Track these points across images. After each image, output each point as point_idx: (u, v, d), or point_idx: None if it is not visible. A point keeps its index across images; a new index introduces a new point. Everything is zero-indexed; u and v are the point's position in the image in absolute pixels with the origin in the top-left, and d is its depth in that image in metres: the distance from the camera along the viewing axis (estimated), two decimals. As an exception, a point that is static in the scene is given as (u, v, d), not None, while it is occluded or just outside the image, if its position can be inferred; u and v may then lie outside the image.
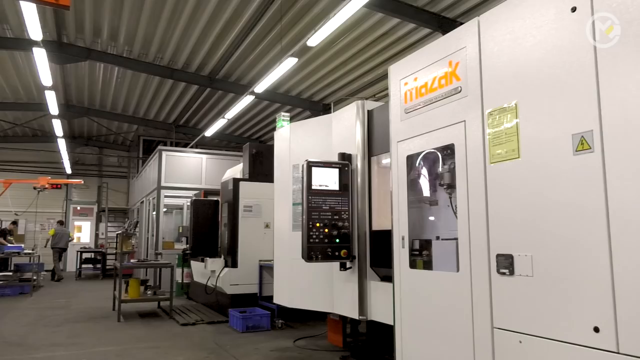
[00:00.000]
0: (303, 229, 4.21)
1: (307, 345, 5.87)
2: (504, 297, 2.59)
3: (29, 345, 5.90)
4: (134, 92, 13.67)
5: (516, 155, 2.56)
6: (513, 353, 2.51)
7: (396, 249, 3.49)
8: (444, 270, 3.09)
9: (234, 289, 7.64)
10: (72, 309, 8.90)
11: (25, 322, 7.49)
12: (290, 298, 5.24)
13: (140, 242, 13.73)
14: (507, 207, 2.59)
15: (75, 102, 14.95)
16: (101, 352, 5.53)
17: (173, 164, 12.17)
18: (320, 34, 7.32)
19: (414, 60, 3.48)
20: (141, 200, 14.60)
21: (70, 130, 17.74)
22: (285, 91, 12.67)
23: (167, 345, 5.91)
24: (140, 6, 8.82)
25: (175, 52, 10.75)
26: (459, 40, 3.04)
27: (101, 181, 19.68)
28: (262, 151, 8.43)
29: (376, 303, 4.18)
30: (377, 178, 4.44)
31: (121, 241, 8.80)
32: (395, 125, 3.60)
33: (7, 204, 14.50)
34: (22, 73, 12.25)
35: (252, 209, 7.93)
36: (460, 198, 2.92)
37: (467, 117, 2.90)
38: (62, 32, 10.07)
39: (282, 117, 6.39)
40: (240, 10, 8.76)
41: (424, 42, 8.98)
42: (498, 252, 2.63)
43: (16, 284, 11.31)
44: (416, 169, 3.50)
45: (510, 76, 2.64)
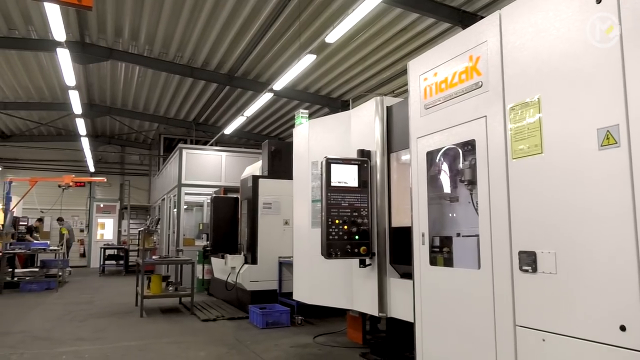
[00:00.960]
0: (322, 225, 4.22)
1: (326, 341, 5.88)
2: (526, 295, 2.55)
3: (55, 339, 6.04)
4: (155, 90, 13.84)
5: (539, 150, 2.52)
6: (536, 351, 2.47)
7: (416, 245, 3.47)
8: (465, 267, 3.06)
9: (253, 286, 7.69)
10: (96, 304, 9.09)
11: (51, 317, 7.67)
12: (310, 295, 5.25)
13: (162, 239, 13.93)
14: (530, 204, 2.55)
15: (98, 102, 15.22)
16: (124, 347, 5.63)
17: (193, 161, 12.30)
18: (339, 30, 7.30)
19: (434, 56, 3.44)
20: (162, 197, 14.80)
21: (93, 129, 18.07)
22: (304, 88, 12.68)
23: (188, 340, 5.99)
24: (160, 6, 8.92)
25: (194, 51, 10.85)
26: (479, 35, 3.00)
27: (123, 179, 20.02)
28: (281, 148, 8.45)
29: (396, 300, 4.17)
30: (396, 174, 4.41)
31: (143, 238, 8.91)
32: (415, 121, 3.57)
33: (33, 201, 14.85)
34: (47, 73, 12.52)
35: (272, 206, 7.97)
36: (482, 194, 2.89)
37: (489, 112, 2.86)
38: (84, 32, 10.25)
39: (301, 114, 6.40)
40: (259, 8, 8.79)
41: (444, 37, 8.88)
42: (520, 249, 2.59)
43: (42, 279, 11.57)
44: (436, 165, 3.47)
45: (532, 70, 2.59)
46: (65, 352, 5.39)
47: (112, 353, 5.35)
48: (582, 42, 2.33)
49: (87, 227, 19.42)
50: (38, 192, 14.47)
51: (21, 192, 13.70)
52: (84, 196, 19.30)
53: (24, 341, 5.94)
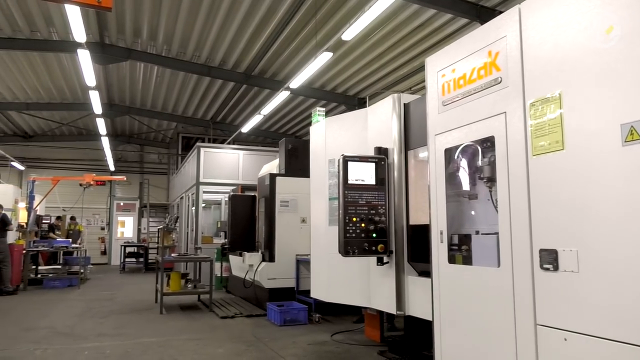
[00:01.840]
0: (339, 223, 4.21)
1: (344, 339, 5.88)
2: (547, 293, 2.51)
3: (77, 335, 6.16)
4: (173, 90, 13.99)
5: (560, 147, 2.47)
6: (558, 351, 2.43)
7: (434, 243, 3.44)
8: (484, 265, 3.02)
9: (271, 283, 7.73)
10: (117, 301, 9.24)
11: (74, 313, 7.83)
12: (327, 292, 5.25)
13: (181, 237, 14.09)
14: (551, 201, 2.51)
15: (117, 101, 15.45)
16: (145, 343, 5.71)
17: (211, 160, 12.40)
18: (355, 27, 7.28)
19: (452, 52, 3.41)
20: (181, 195, 14.96)
21: (112, 129, 18.35)
22: (320, 86, 12.68)
23: (207, 337, 6.05)
24: (177, 6, 9.00)
25: (212, 50, 10.93)
26: (498, 30, 2.95)
27: (142, 178, 20.30)
28: (298, 146, 8.47)
29: (414, 298, 4.14)
30: (414, 172, 4.39)
31: (162, 236, 9.03)
32: (433, 118, 3.54)
33: (56, 200, 15.15)
34: (68, 74, 12.74)
35: (289, 204, 7.99)
36: (501, 191, 2.85)
37: (508, 108, 2.82)
38: (104, 33, 10.41)
39: (318, 112, 6.40)
40: (275, 7, 8.81)
41: (462, 32, 8.79)
42: (541, 247, 2.55)
43: (65, 276, 11.81)
44: (454, 162, 3.44)
45: (553, 65, 2.54)
46: (88, 348, 5.50)
47: (132, 349, 5.44)
48: (605, 36, 2.28)
49: (108, 225, 19.76)
50: (60, 191, 14.76)
51: (44, 191, 13.99)
52: (105, 195, 19.63)
53: (48, 337, 6.07)
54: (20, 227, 12.04)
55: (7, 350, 5.39)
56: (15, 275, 10.40)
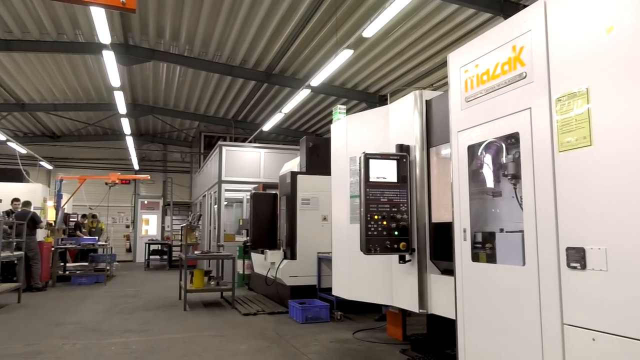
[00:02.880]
0: (361, 221, 4.20)
1: (366, 337, 5.87)
2: (575, 293, 2.46)
3: (104, 331, 6.29)
4: (195, 89, 14.15)
5: (588, 142, 2.41)
6: (586, 351, 2.38)
7: (457, 241, 3.41)
8: (508, 263, 2.98)
9: (293, 281, 7.76)
10: (142, 297, 9.41)
11: (101, 309, 8.00)
12: (349, 290, 5.25)
13: (203, 235, 14.25)
14: (578, 198, 2.45)
15: (141, 101, 15.71)
16: (169, 339, 5.81)
17: (233, 158, 12.50)
18: (376, 24, 7.24)
19: (475, 47, 3.36)
20: (203, 194, 15.13)
21: (137, 128, 18.66)
22: (341, 84, 12.66)
23: (230, 334, 6.12)
24: (199, 6, 9.10)
25: (233, 49, 11.02)
26: (523, 24, 2.90)
27: (166, 176, 20.61)
28: (319, 144, 8.47)
29: (437, 296, 4.11)
30: (436, 169, 4.34)
31: (186, 233, 9.14)
32: (456, 115, 3.50)
33: (82, 198, 15.48)
34: (93, 75, 13.01)
35: (310, 202, 8.01)
36: (526, 189, 2.80)
37: (533, 104, 2.77)
38: (128, 34, 10.59)
39: (339, 110, 6.39)
40: (296, 5, 8.82)
41: (485, 27, 8.66)
42: (568, 245, 2.50)
43: (92, 273, 12.07)
44: (478, 159, 3.39)
45: (581, 59, 2.48)
46: (114, 343, 5.61)
47: (157, 345, 5.53)
48: (636, 27, 2.22)
49: (133, 223, 20.12)
50: (86, 190, 15.07)
51: (71, 190, 14.32)
52: (129, 193, 20.00)
53: (76, 332, 6.22)
54: (48, 225, 12.35)
55: (37, 344, 5.54)
56: (45, 272, 10.68)
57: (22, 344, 5.56)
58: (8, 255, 8.29)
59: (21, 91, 13.93)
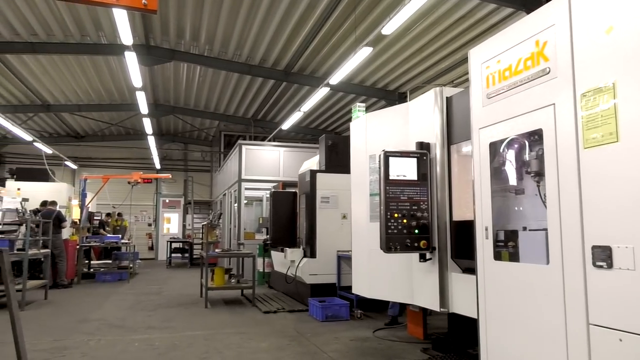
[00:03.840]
0: (381, 219, 4.18)
1: (386, 336, 5.85)
2: (601, 292, 2.40)
3: (128, 327, 6.41)
4: (215, 89, 14.28)
5: (614, 138, 2.36)
6: (612, 352, 2.33)
7: (479, 240, 3.36)
8: (532, 262, 2.93)
9: (313, 279, 7.78)
10: (164, 295, 9.54)
11: (124, 306, 8.14)
12: (369, 288, 5.23)
13: (224, 233, 14.39)
14: (605, 195, 2.40)
15: (162, 101, 15.93)
16: (191, 336, 5.88)
17: (252, 157, 12.58)
18: (395, 21, 7.19)
19: (497, 42, 3.31)
20: (223, 192, 15.26)
21: (158, 128, 18.92)
22: (360, 81, 12.62)
23: (251, 331, 6.16)
24: (219, 6, 9.17)
25: (252, 49, 11.08)
26: (546, 18, 2.84)
27: (187, 175, 20.88)
28: (338, 142, 8.46)
29: (458, 295, 4.07)
30: (457, 167, 4.30)
31: (206, 232, 9.25)
32: (477, 112, 3.45)
33: (106, 197, 15.78)
34: (116, 76, 13.24)
35: (329, 200, 8.01)
36: (550, 186, 2.75)
37: (557, 99, 2.72)
38: (149, 35, 10.74)
39: (358, 108, 6.36)
40: (314, 3, 8.82)
41: (506, 22, 8.53)
42: (594, 244, 2.44)
43: (115, 271, 12.30)
44: (500, 156, 3.34)
45: (607, 53, 2.42)
46: (138, 340, 5.71)
47: (180, 341, 5.60)
48: (664, 21, 2.16)
49: (155, 222, 20.42)
50: (110, 189, 15.36)
51: (95, 189, 14.61)
52: (151, 192, 20.30)
53: (101, 328, 6.34)
54: (73, 224, 12.62)
55: (63, 340, 5.67)
56: (70, 270, 10.91)
57: (50, 339, 5.70)
58: (35, 253, 8.49)
59: (46, 92, 14.26)
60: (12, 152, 19.15)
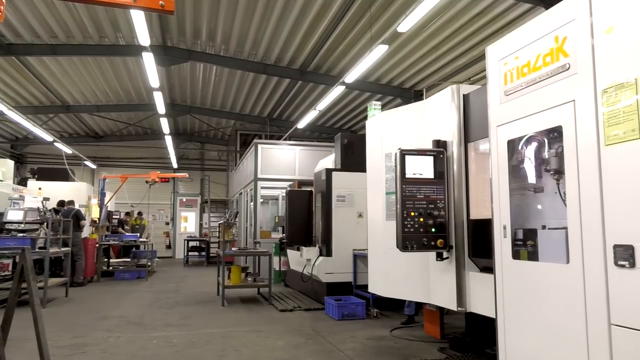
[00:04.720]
0: (397, 218, 4.16)
1: (403, 335, 5.82)
2: (623, 292, 2.36)
3: (146, 325, 6.49)
4: (231, 88, 14.36)
5: (637, 135, 2.31)
6: (635, 352, 2.28)
7: (497, 238, 3.33)
8: (551, 261, 2.89)
9: (329, 278, 7.78)
10: (181, 293, 9.64)
11: (143, 303, 8.25)
12: (385, 287, 5.21)
13: (240, 232, 14.47)
14: (627, 193, 2.35)
15: (179, 101, 16.08)
16: (208, 334, 5.93)
17: (268, 156, 12.63)
18: (411, 18, 7.14)
19: (515, 38, 3.26)
20: (240, 191, 15.35)
21: (175, 128, 19.11)
22: (376, 80, 12.57)
23: (267, 329, 6.19)
24: (234, 6, 9.22)
25: (267, 48, 11.11)
26: (566, 13, 2.79)
27: (203, 174, 21.05)
28: (354, 141, 8.44)
29: (475, 294, 4.03)
30: (474, 165, 4.25)
31: (223, 230, 9.30)
32: (494, 109, 3.41)
33: (124, 196, 16.00)
34: (133, 77, 13.40)
35: (345, 199, 8.00)
36: (570, 184, 2.71)
37: (577, 96, 2.67)
38: (166, 36, 10.84)
39: (373, 106, 6.36)
40: (330, 2, 8.81)
41: (525, 18, 8.40)
42: (616, 243, 2.39)
43: (134, 269, 12.46)
44: (518, 154, 3.30)
45: (629, 48, 2.37)
46: (156, 337, 5.77)
47: (197, 339, 5.66)
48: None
49: (172, 220, 20.64)
50: (128, 188, 15.57)
51: (113, 188, 14.83)
52: (169, 191, 20.53)
53: (120, 325, 6.43)
54: (93, 222, 12.82)
55: (84, 337, 5.77)
56: (90, 267, 11.09)
57: (70, 335, 5.80)
58: (56, 251, 8.65)
59: (66, 93, 14.50)
60: (33, 152, 19.54)
